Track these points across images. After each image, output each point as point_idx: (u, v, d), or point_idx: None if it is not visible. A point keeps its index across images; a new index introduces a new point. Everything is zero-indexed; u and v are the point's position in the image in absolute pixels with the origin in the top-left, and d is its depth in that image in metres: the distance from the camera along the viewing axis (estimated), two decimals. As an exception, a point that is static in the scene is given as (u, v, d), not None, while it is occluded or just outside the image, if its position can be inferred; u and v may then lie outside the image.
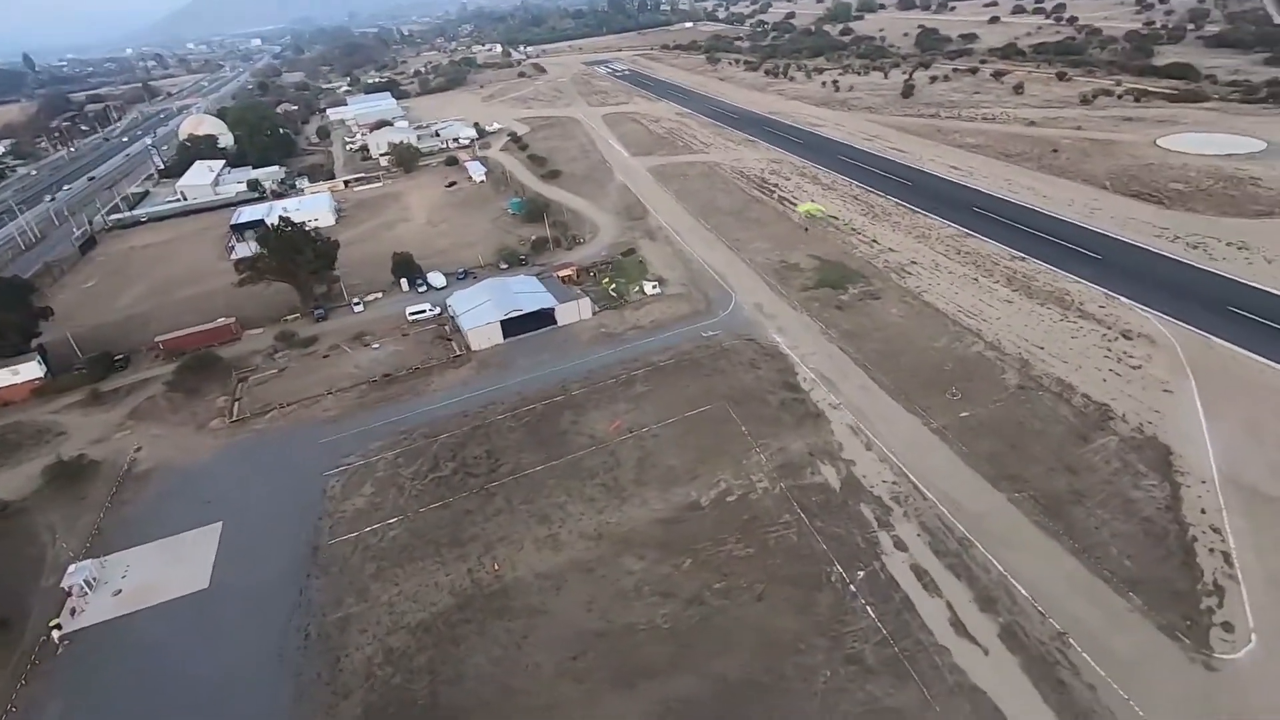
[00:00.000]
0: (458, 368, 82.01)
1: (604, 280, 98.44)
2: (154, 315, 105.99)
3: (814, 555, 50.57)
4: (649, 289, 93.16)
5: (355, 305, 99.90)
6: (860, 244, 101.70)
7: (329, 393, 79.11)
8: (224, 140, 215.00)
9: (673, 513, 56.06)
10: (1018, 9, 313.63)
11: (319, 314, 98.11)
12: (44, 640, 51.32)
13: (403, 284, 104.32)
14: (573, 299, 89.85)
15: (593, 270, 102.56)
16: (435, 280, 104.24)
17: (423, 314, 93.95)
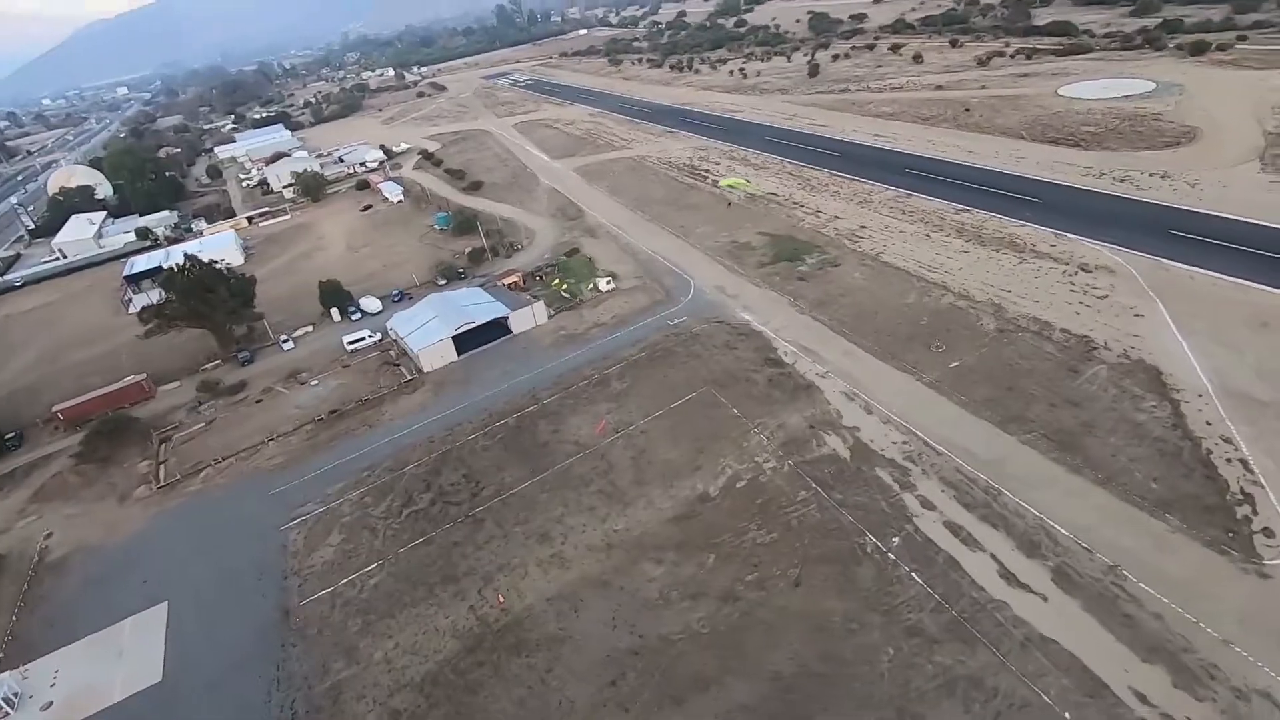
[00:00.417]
0: (412, 392, 75.24)
1: (553, 282, 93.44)
2: (46, 384, 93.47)
3: (842, 529, 47.53)
4: (603, 285, 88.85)
5: (284, 342, 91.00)
6: (805, 216, 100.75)
7: (270, 439, 70.89)
8: (102, 190, 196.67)
9: (683, 508, 51.94)
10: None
11: (243, 357, 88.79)
12: (-40, 779, 42.30)
13: (334, 313, 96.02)
14: (525, 305, 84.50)
15: (539, 274, 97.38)
16: (369, 305, 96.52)
17: (362, 341, 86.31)
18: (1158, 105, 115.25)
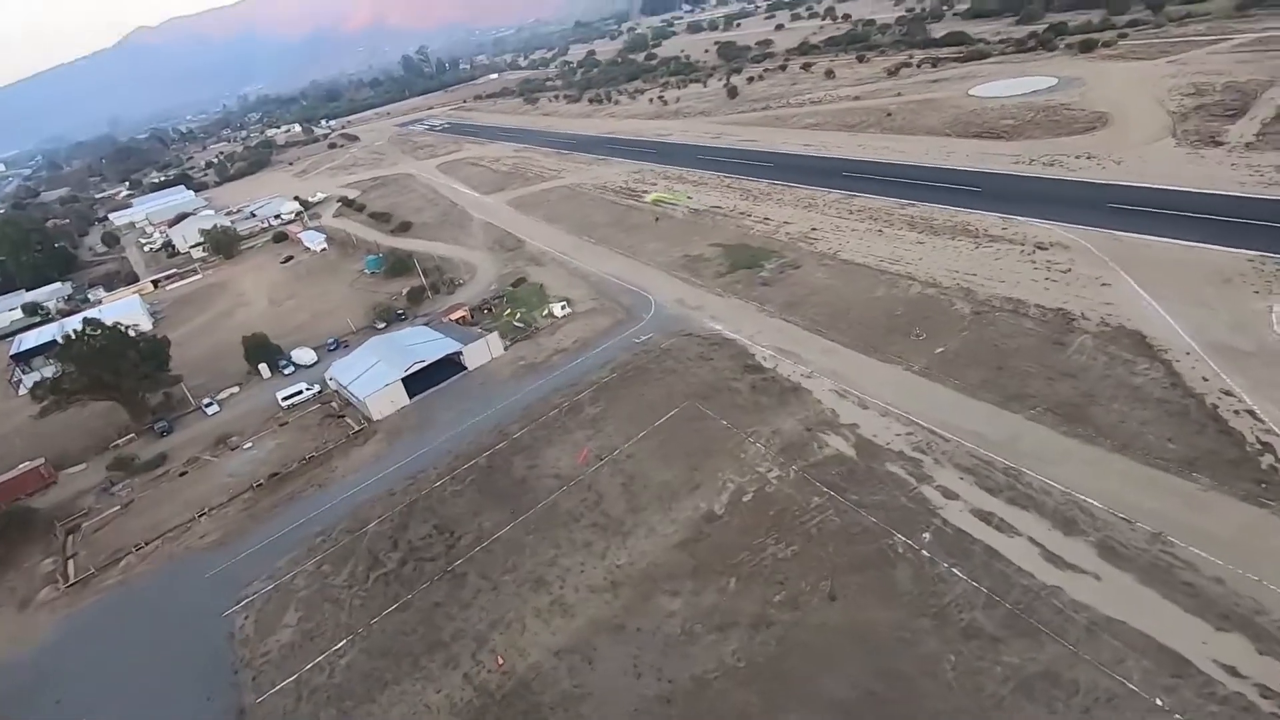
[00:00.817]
0: (363, 444, 67.99)
1: (504, 313, 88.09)
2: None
3: (867, 531, 43.87)
4: (558, 311, 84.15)
5: (207, 407, 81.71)
6: (755, 224, 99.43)
7: (201, 514, 62.17)
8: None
9: (689, 531, 47.22)
10: (795, 16, 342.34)
11: (161, 427, 79.06)
12: None
13: (263, 370, 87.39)
14: (478, 338, 78.75)
15: (487, 307, 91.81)
16: (303, 357, 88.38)
17: (299, 396, 78.38)
18: (1064, 97, 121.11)
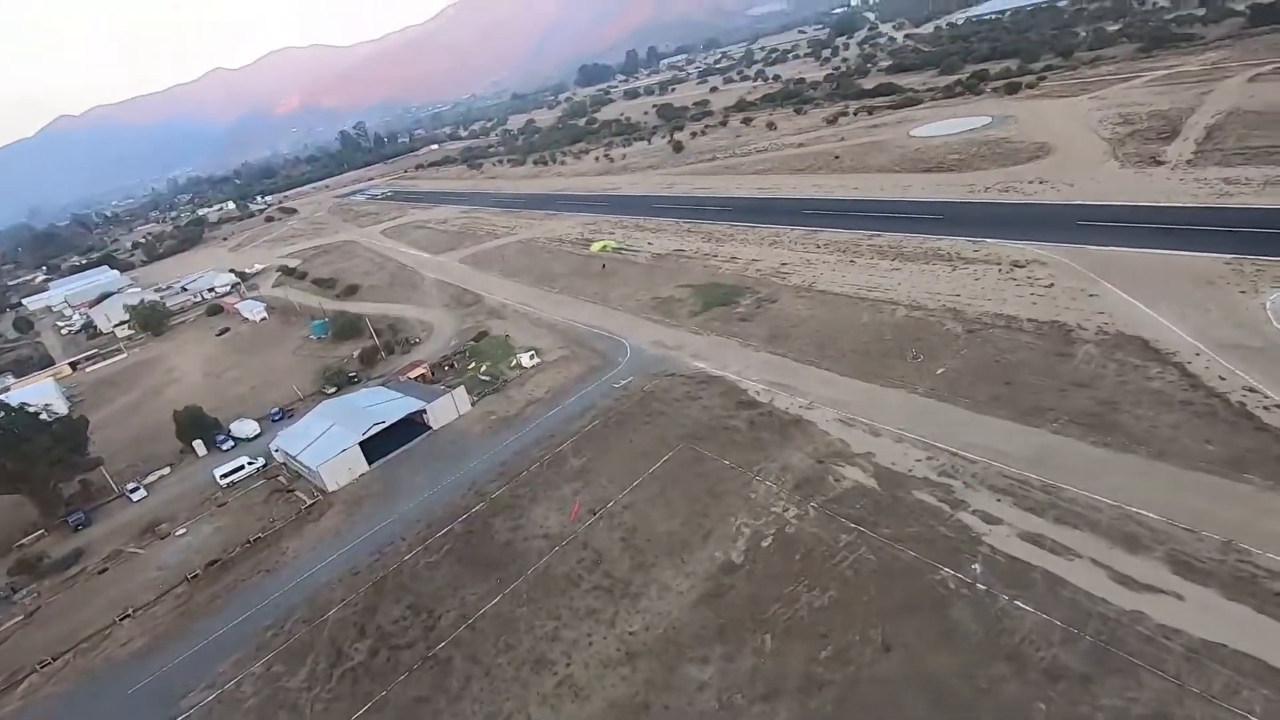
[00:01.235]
0: (317, 519, 60.08)
1: (469, 368, 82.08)
2: None
3: (909, 568, 39.11)
4: (526, 360, 78.77)
5: (133, 492, 72.03)
6: (722, 264, 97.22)
7: (124, 616, 52.87)
8: None
9: (708, 585, 41.52)
10: (728, 80, 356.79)
11: (76, 520, 69.00)
12: None
13: (197, 447, 78.39)
14: (442, 395, 72.35)
15: (448, 363, 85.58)
16: (243, 430, 79.83)
17: (240, 472, 69.88)
18: (1002, 132, 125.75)
